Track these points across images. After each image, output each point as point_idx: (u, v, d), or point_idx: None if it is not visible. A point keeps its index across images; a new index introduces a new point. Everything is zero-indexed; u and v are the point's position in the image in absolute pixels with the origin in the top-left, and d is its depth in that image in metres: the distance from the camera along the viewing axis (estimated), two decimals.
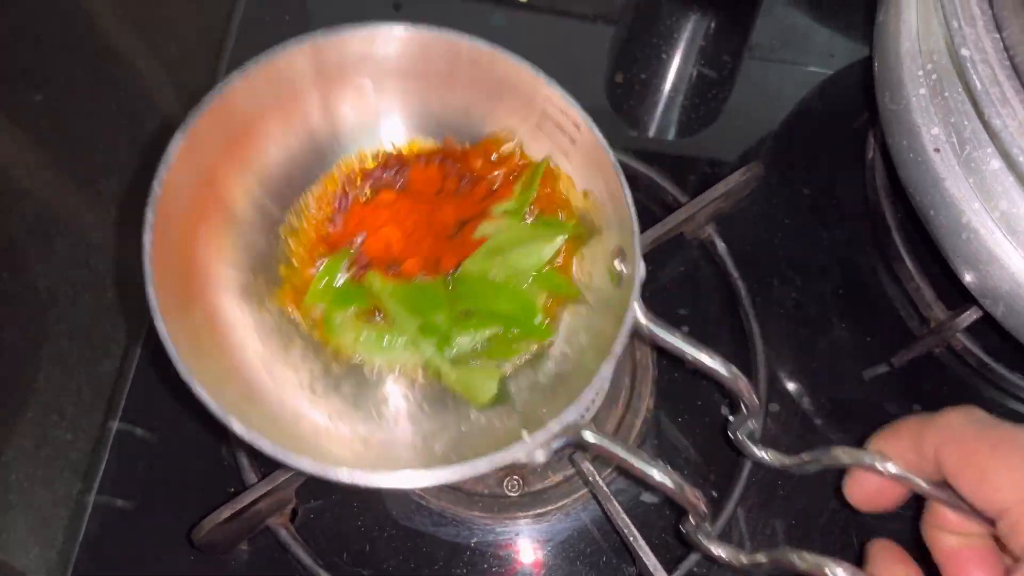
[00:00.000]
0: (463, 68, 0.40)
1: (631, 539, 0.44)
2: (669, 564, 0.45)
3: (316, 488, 0.48)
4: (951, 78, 0.40)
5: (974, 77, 0.37)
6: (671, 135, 0.62)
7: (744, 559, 0.39)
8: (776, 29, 0.67)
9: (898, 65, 0.43)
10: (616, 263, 0.39)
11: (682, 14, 0.65)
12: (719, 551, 0.39)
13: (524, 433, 0.34)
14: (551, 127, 0.41)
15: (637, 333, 0.36)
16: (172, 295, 0.34)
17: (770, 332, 0.52)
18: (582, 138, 0.39)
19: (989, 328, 0.50)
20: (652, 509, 0.49)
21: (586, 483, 0.48)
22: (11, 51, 0.72)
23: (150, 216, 0.34)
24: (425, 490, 0.49)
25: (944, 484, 0.34)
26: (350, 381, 0.40)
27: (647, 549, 0.44)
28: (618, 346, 0.35)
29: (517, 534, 0.49)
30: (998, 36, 0.37)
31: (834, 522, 0.49)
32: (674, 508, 0.49)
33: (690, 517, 0.39)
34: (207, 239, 0.39)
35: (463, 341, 0.41)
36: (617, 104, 0.63)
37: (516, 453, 0.33)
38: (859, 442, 0.48)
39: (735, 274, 0.53)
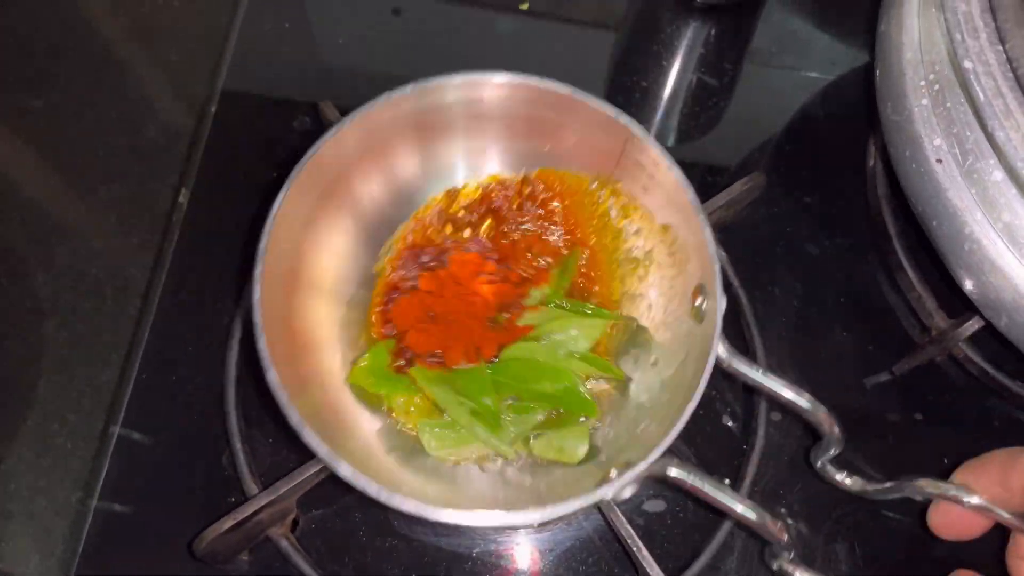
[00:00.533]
0: (551, 111, 0.43)
1: (634, 548, 0.44)
2: (672, 573, 0.45)
3: (317, 498, 0.48)
4: (953, 89, 0.40)
5: (977, 89, 0.37)
6: (671, 142, 0.62)
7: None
8: (777, 35, 0.67)
9: (900, 75, 0.43)
10: (697, 300, 0.40)
11: (682, 21, 0.65)
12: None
13: (613, 472, 0.35)
14: (630, 165, 0.43)
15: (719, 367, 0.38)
16: (277, 345, 0.37)
17: (771, 340, 0.53)
18: (661, 176, 0.41)
19: (991, 337, 0.50)
20: (654, 517, 0.49)
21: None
22: (10, 57, 0.72)
23: (259, 269, 0.37)
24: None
25: None
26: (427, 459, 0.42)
27: (650, 559, 0.44)
28: (703, 382, 0.36)
29: (519, 544, 0.48)
30: (1001, 48, 0.37)
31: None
32: (677, 518, 0.49)
33: (773, 548, 0.40)
34: (306, 287, 0.42)
35: (515, 424, 0.43)
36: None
37: (604, 493, 0.34)
38: (859, 450, 0.49)
39: (736, 283, 0.53)
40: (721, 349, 0.37)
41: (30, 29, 0.73)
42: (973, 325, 0.46)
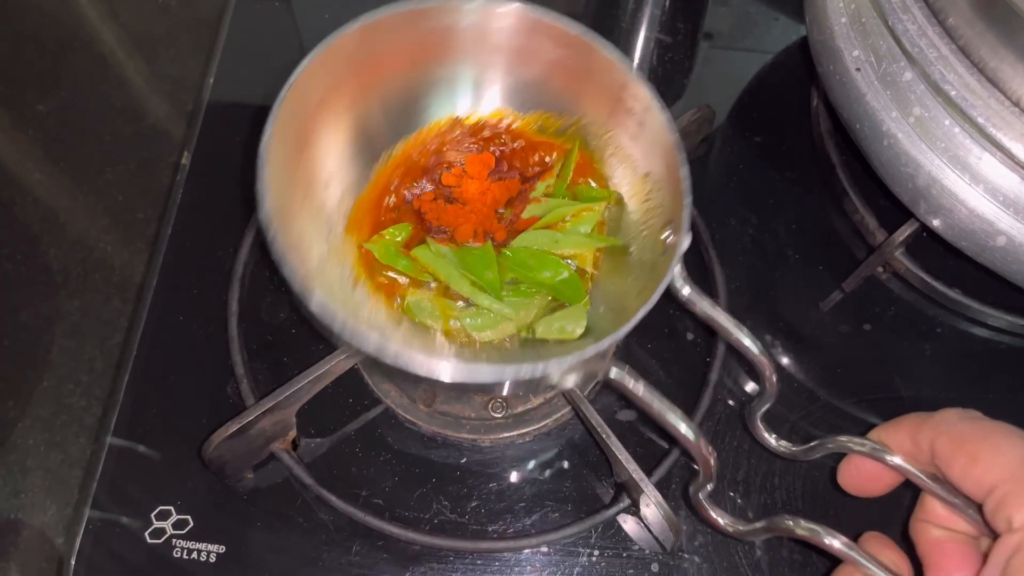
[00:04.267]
0: (557, 50, 0.46)
1: (612, 447, 0.47)
2: (645, 471, 0.49)
3: (315, 421, 0.52)
4: (867, 5, 0.45)
5: (886, 4, 0.42)
6: None
7: (742, 528, 0.43)
8: (733, 18, 0.72)
9: (823, 1, 0.48)
10: (665, 235, 0.44)
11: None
12: (717, 516, 0.43)
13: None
14: (622, 112, 0.46)
15: (676, 299, 0.42)
16: (280, 191, 0.40)
17: (729, 266, 0.57)
18: (650, 121, 0.44)
19: (927, 250, 0.55)
20: (626, 425, 0.53)
21: (567, 398, 0.52)
22: (19, 62, 0.77)
23: (276, 108, 0.40)
24: (417, 416, 0.53)
25: (936, 478, 0.38)
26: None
27: (626, 453, 0.47)
28: (655, 296, 0.39)
29: (503, 453, 0.52)
30: None
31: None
32: (649, 423, 0.53)
33: (699, 475, 0.43)
34: (324, 144, 0.45)
35: (515, 305, 0.46)
36: None
37: (551, 369, 0.37)
38: (814, 366, 0.53)
39: (694, 212, 0.57)
40: (680, 277, 0.41)
41: (35, 38, 0.78)
42: (906, 230, 0.51)
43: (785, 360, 0.55)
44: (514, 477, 0.52)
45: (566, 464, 0.52)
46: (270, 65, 0.68)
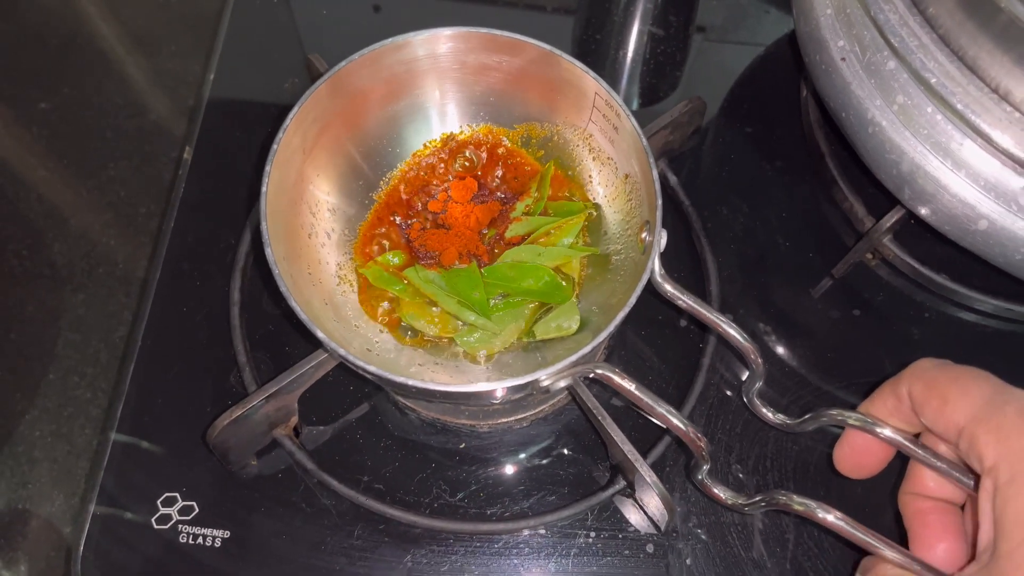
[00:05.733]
0: (528, 65, 0.50)
1: (608, 428, 0.48)
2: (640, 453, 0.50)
3: (317, 409, 0.53)
4: None
5: None
6: (634, 107, 0.68)
7: (742, 502, 0.45)
8: (726, 11, 0.73)
9: None
10: (644, 235, 0.47)
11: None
12: (719, 492, 0.45)
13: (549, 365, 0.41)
14: (600, 118, 0.50)
15: (658, 292, 0.44)
16: (278, 235, 0.44)
17: (720, 253, 0.58)
18: (623, 127, 0.47)
19: (915, 237, 0.56)
20: (621, 410, 0.54)
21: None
22: (21, 60, 0.78)
23: (274, 151, 0.45)
24: (418, 403, 0.54)
25: (924, 446, 0.39)
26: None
27: (622, 435, 0.48)
28: (633, 297, 0.42)
29: (501, 438, 0.54)
30: None
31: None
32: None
33: (696, 461, 0.45)
34: (314, 187, 0.50)
35: (508, 317, 0.50)
36: None
37: (539, 375, 0.41)
38: (805, 351, 0.54)
39: (686, 202, 0.58)
40: (658, 273, 0.44)
41: (37, 37, 0.79)
42: (893, 216, 0.52)
43: (777, 346, 0.56)
44: (512, 461, 0.53)
45: (563, 449, 0.53)
46: (270, 60, 0.69)
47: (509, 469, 0.53)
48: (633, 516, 0.51)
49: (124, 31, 0.81)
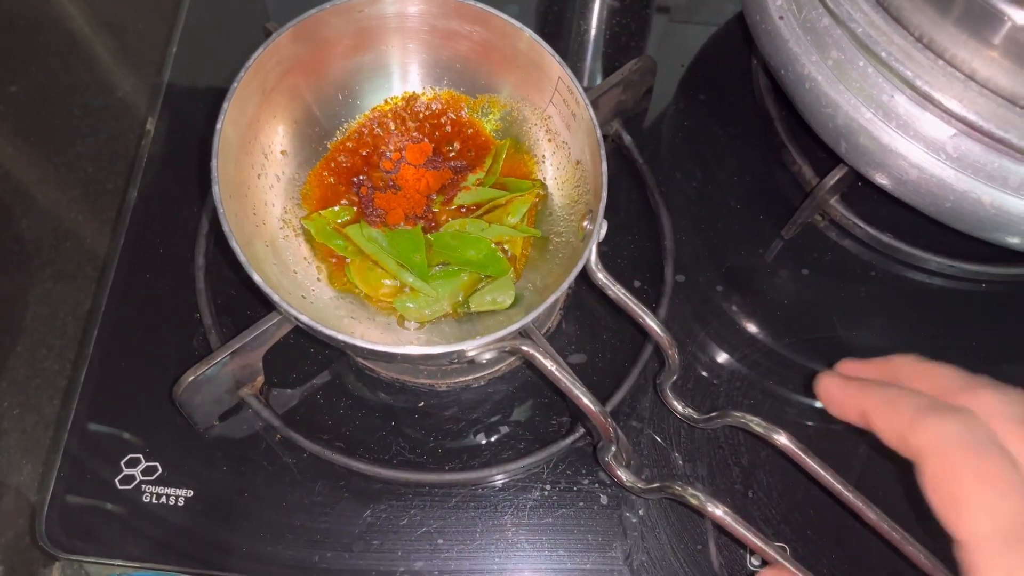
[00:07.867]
0: (497, 39, 0.51)
1: (569, 381, 0.48)
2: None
3: (280, 371, 0.55)
4: None
5: None
6: (598, 80, 0.69)
7: (641, 485, 0.47)
8: None
9: None
10: (585, 223, 0.48)
11: None
12: (622, 474, 0.47)
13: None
14: (560, 101, 0.51)
15: (592, 282, 0.46)
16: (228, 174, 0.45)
17: (675, 216, 0.60)
18: (581, 115, 0.49)
19: (861, 197, 0.58)
20: (577, 368, 0.55)
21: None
22: None
23: (233, 89, 0.45)
24: (377, 364, 0.55)
25: None
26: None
27: (583, 387, 0.49)
28: (566, 282, 0.44)
29: (459, 396, 0.55)
30: None
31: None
32: (596, 368, 0.56)
33: (604, 444, 0.47)
34: (269, 130, 0.50)
35: (445, 285, 0.50)
36: None
37: (465, 347, 0.42)
38: (756, 309, 0.56)
39: (641, 161, 0.60)
40: (593, 262, 0.45)
41: (7, 15, 0.79)
42: (836, 174, 0.54)
43: (730, 304, 0.58)
44: (470, 418, 0.54)
45: (519, 405, 0.55)
46: (231, 37, 0.70)
47: (467, 426, 0.54)
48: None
49: (92, 11, 0.82)
